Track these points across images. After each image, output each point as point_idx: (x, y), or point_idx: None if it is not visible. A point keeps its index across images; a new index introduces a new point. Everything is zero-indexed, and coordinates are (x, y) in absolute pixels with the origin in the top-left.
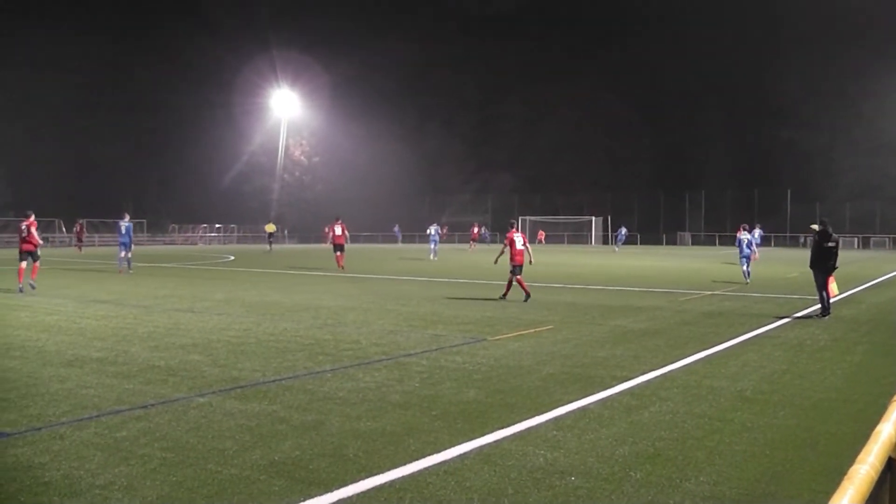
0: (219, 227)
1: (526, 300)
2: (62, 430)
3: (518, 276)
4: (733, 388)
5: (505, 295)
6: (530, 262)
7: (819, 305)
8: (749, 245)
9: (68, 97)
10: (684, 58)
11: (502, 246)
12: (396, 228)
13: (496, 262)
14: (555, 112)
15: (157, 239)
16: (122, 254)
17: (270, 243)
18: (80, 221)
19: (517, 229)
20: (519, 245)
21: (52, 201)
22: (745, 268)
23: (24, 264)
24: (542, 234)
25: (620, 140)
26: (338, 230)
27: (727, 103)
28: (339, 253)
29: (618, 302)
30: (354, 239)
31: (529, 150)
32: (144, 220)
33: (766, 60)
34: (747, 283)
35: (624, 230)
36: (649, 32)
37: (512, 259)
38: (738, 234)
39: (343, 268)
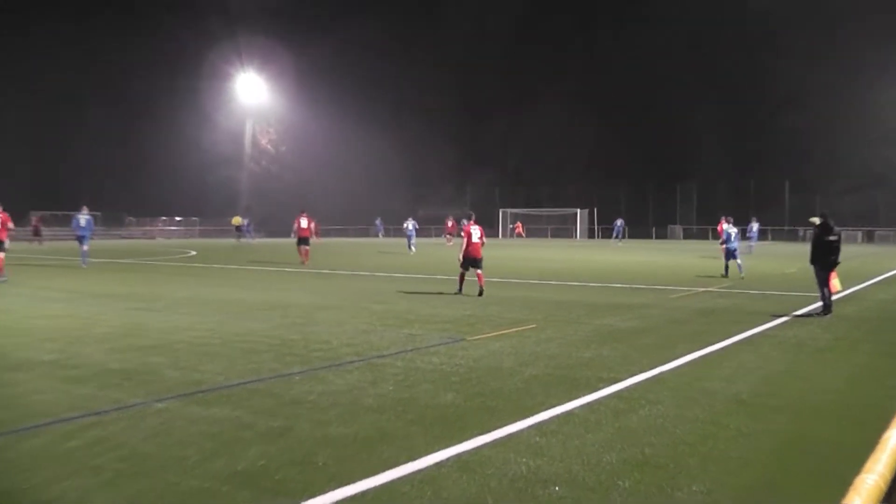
0: (179, 220)
1: (457, 292)
2: (8, 440)
3: (464, 270)
4: (728, 390)
5: (481, 291)
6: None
7: (820, 303)
8: (738, 237)
9: (16, 82)
10: (675, 41)
11: (461, 240)
12: (378, 222)
13: (460, 261)
14: (540, 100)
15: (113, 233)
16: (84, 248)
17: (239, 237)
18: (37, 214)
19: (475, 222)
20: (475, 238)
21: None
22: (738, 261)
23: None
24: (518, 227)
25: (608, 129)
26: (303, 223)
27: (721, 89)
28: (304, 247)
29: (604, 299)
30: (325, 233)
31: (512, 140)
32: (99, 213)
33: (763, 43)
34: (738, 276)
35: (620, 222)
36: (638, 15)
37: (467, 252)
38: (721, 226)
39: (305, 263)
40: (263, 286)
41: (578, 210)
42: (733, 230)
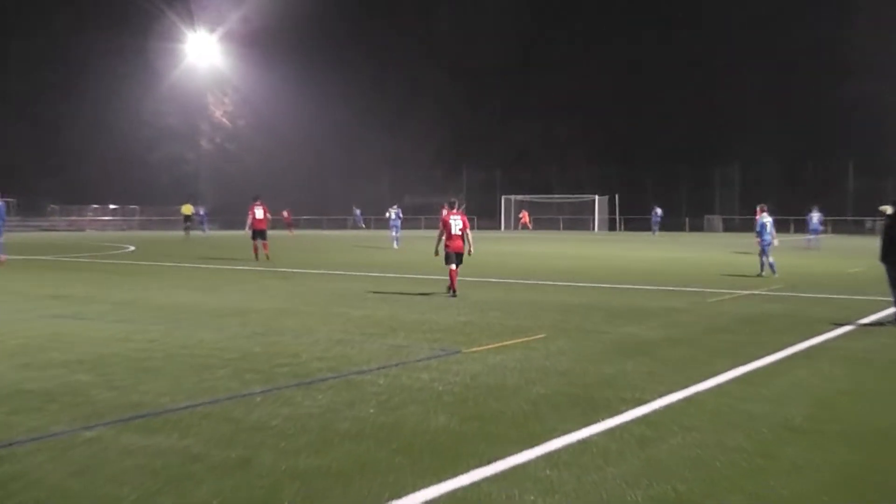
0: (114, 209)
1: (450, 294)
2: None
3: (452, 267)
4: (779, 414)
5: (452, 290)
6: (469, 252)
7: (892, 309)
8: (773, 229)
9: None
10: None
11: (438, 231)
12: (358, 212)
13: (436, 252)
14: (548, 65)
15: (31, 224)
16: None
17: (188, 229)
18: None
19: (456, 210)
20: (455, 229)
21: None
22: (768, 258)
23: None
24: (524, 216)
25: (631, 99)
26: (258, 213)
27: (771, 52)
28: (262, 240)
29: (628, 303)
30: (294, 224)
31: (516, 113)
32: (14, 200)
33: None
34: (771, 276)
35: (659, 211)
36: None
37: (447, 245)
38: (757, 217)
39: (268, 258)
40: (218, 288)
41: (596, 197)
42: (768, 220)
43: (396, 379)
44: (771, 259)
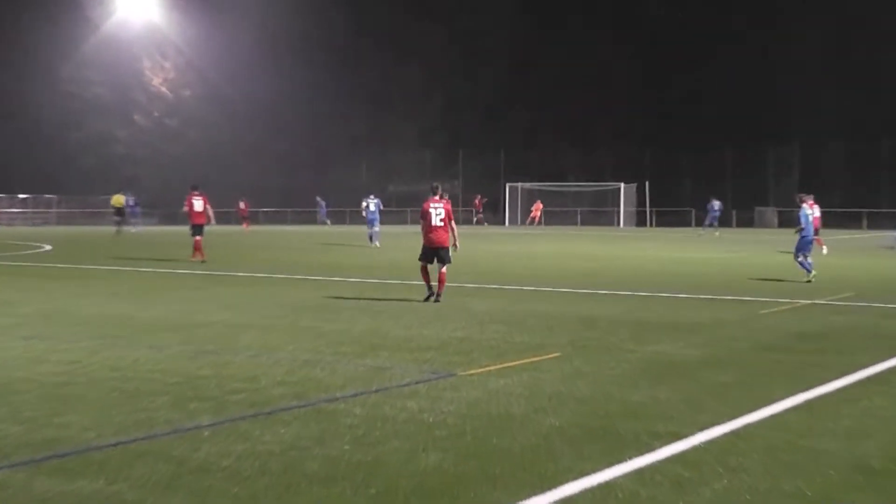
0: (25, 199)
1: (427, 299)
2: None
3: (424, 264)
4: (849, 452)
5: (431, 294)
6: (454, 245)
7: None
8: (813, 223)
9: None
10: None
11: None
12: (323, 204)
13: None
14: (562, 22)
15: None
16: None
17: (120, 223)
18: None
19: (440, 197)
20: (435, 220)
21: None
22: (806, 259)
23: None
24: (537, 208)
25: (663, 66)
26: (197, 205)
27: (835, 11)
28: (199, 237)
29: (659, 315)
30: (252, 217)
31: (522, 85)
32: None
33: None
34: (811, 279)
35: (717, 204)
36: None
37: (427, 238)
38: (804, 207)
39: (204, 260)
40: (156, 296)
41: (622, 185)
42: (810, 212)
43: (377, 408)
44: (800, 258)
